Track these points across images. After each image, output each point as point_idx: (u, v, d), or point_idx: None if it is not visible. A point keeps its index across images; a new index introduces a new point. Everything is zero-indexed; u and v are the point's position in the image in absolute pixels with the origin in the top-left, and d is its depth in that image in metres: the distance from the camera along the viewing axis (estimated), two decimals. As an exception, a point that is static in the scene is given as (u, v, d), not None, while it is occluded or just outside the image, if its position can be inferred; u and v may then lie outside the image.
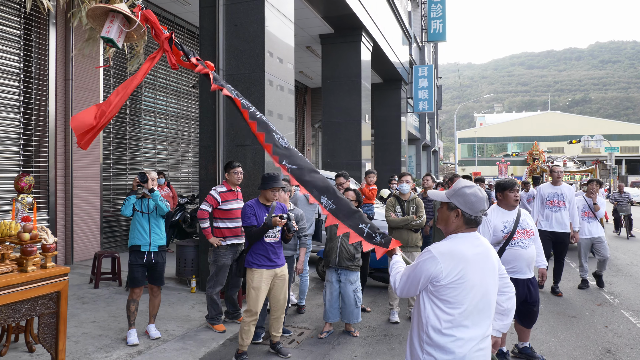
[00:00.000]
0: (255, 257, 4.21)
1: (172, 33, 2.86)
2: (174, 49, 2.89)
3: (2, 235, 3.63)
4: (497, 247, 4.13)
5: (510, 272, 4.11)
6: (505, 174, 35.03)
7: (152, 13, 2.83)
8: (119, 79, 9.04)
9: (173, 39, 2.86)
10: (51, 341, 3.52)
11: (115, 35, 2.82)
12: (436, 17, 21.58)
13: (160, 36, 2.84)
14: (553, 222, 6.76)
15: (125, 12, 2.80)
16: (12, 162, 7.28)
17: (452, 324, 2.09)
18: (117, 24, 2.82)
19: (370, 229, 2.73)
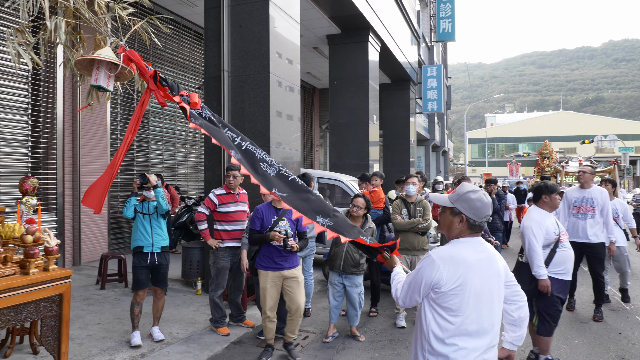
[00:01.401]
0: (261, 258, 4.35)
1: (155, 70, 2.85)
2: (159, 85, 2.87)
3: (5, 238, 3.64)
4: (547, 249, 4.11)
5: (560, 274, 4.12)
6: (516, 174, 34.68)
7: (135, 52, 2.84)
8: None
9: (158, 76, 2.85)
10: (54, 344, 3.52)
11: (103, 81, 2.90)
12: (445, 17, 21.45)
13: (145, 74, 2.84)
14: (579, 231, 5.75)
15: (108, 59, 2.84)
16: (20, 164, 7.33)
17: (454, 332, 2.03)
18: (103, 70, 2.89)
19: (371, 240, 2.69)
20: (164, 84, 2.84)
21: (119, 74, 2.95)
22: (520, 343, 2.32)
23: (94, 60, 2.89)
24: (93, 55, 2.85)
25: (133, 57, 2.83)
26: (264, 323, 4.40)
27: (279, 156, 6.52)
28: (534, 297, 4.16)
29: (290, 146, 6.92)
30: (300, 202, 2.83)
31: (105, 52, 2.89)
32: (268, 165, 2.87)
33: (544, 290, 4.04)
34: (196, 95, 2.91)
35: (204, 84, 6.86)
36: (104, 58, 2.83)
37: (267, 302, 4.31)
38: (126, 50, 2.84)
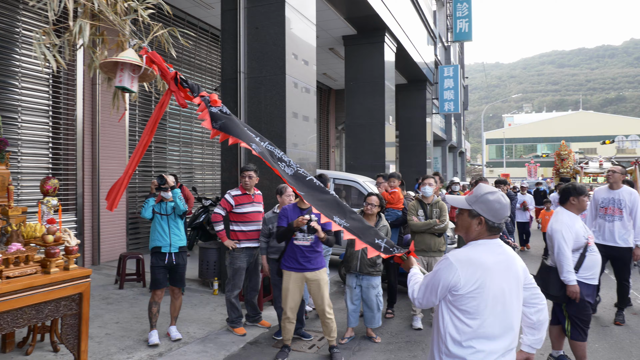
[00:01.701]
0: (286, 259, 4.43)
1: (176, 72, 2.89)
2: (180, 86, 2.91)
3: (27, 237, 3.71)
4: (577, 253, 3.99)
5: (589, 279, 3.99)
6: (534, 175, 34.23)
7: (157, 54, 2.90)
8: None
9: (178, 78, 2.89)
10: (74, 342, 3.57)
11: (127, 83, 2.98)
12: (462, 16, 21.28)
13: (167, 76, 2.89)
14: (606, 234, 5.57)
15: (131, 62, 2.90)
16: (41, 165, 7.47)
17: (471, 335, 2.01)
18: (127, 72, 2.96)
19: (387, 244, 2.68)
20: (184, 86, 2.88)
21: (142, 74, 3.01)
22: (539, 346, 2.30)
23: (118, 62, 2.94)
24: (117, 57, 2.91)
25: (155, 59, 2.88)
26: (282, 323, 4.44)
27: (295, 157, 6.54)
28: (565, 303, 4.03)
29: (306, 147, 6.93)
30: (318, 201, 2.84)
31: (128, 54, 2.95)
32: (286, 165, 2.90)
33: (572, 297, 3.91)
34: (216, 95, 2.94)
35: (220, 85, 6.91)
36: (128, 60, 2.89)
37: (288, 302, 4.35)
38: (148, 52, 2.89)
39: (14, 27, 7.03)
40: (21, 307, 3.16)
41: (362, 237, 2.72)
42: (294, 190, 2.87)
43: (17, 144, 7.03)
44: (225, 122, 2.86)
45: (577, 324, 4.00)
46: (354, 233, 2.73)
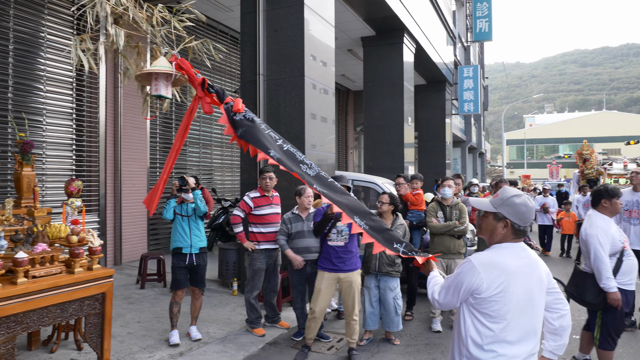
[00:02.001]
0: (321, 259, 4.53)
1: (203, 78, 2.95)
2: (206, 92, 2.97)
3: (52, 238, 3.79)
4: (614, 258, 3.83)
5: (627, 284, 3.84)
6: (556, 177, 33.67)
7: (185, 61, 3.00)
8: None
9: (206, 83, 2.95)
10: (97, 341, 3.64)
11: (163, 91, 3.11)
12: (482, 16, 21.07)
13: (195, 82, 2.96)
14: (631, 237, 5.39)
15: (164, 71, 3.02)
16: (65, 167, 7.63)
17: (493, 339, 1.99)
18: (161, 81, 3.09)
19: (405, 248, 2.67)
20: (210, 91, 2.93)
21: (174, 80, 3.10)
22: (561, 352, 2.25)
23: (152, 72, 3.05)
24: (151, 68, 3.03)
25: (184, 65, 2.97)
26: (308, 322, 4.49)
27: (313, 158, 6.56)
28: (601, 310, 3.87)
29: (324, 148, 6.95)
30: (340, 201, 2.85)
31: (161, 63, 3.07)
32: (308, 167, 2.94)
33: (614, 304, 3.71)
34: (240, 100, 2.98)
35: (240, 87, 6.97)
36: (162, 70, 3.01)
37: (318, 302, 4.40)
38: (177, 59, 2.98)
39: (38, 32, 7.19)
40: (46, 306, 3.23)
41: (380, 241, 2.72)
42: (314, 190, 2.89)
43: (42, 146, 7.19)
44: (246, 130, 2.91)
45: (609, 332, 3.85)
46: (373, 236, 2.74)
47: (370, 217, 2.82)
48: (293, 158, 2.94)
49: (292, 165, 2.92)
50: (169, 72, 3.04)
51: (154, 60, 3.33)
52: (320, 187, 2.88)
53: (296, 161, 2.93)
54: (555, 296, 2.19)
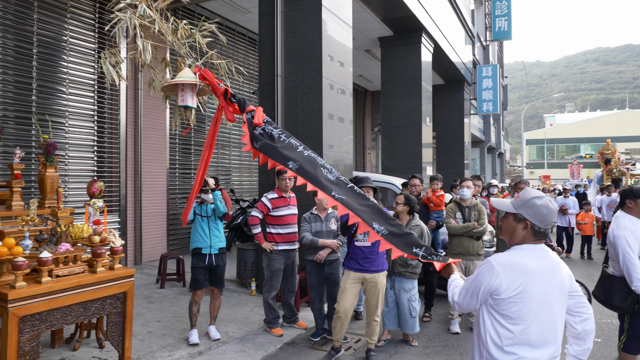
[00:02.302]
0: (347, 259, 4.54)
1: (226, 88, 3.01)
2: (228, 102, 3.02)
3: (75, 238, 3.87)
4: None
5: None
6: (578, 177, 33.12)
7: (208, 71, 3.06)
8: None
9: (228, 93, 2.99)
10: (118, 339, 3.70)
11: (189, 101, 3.19)
12: (501, 15, 20.81)
13: (217, 91, 3.01)
14: None
15: (190, 82, 3.09)
16: (87, 168, 7.76)
17: (513, 341, 1.98)
18: (187, 91, 3.17)
19: (425, 252, 2.64)
20: (232, 101, 2.97)
21: (199, 90, 3.19)
22: (585, 357, 2.20)
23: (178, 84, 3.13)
24: (177, 80, 3.10)
25: (207, 76, 3.04)
26: (333, 323, 4.49)
27: (331, 159, 6.57)
28: (629, 314, 3.75)
29: (342, 149, 6.95)
30: (358, 207, 2.84)
31: (186, 73, 3.14)
32: (328, 171, 2.93)
33: None
34: (261, 110, 3.00)
35: (258, 89, 7.01)
36: (187, 81, 3.08)
37: (343, 301, 4.41)
38: (201, 70, 3.05)
39: (61, 36, 7.34)
40: (70, 304, 3.30)
41: (399, 246, 2.71)
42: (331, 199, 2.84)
43: (64, 147, 7.33)
44: (265, 143, 2.93)
45: (636, 336, 3.73)
46: (392, 241, 2.73)
47: (390, 221, 2.80)
48: (314, 163, 2.94)
49: (311, 169, 2.91)
50: (194, 83, 3.10)
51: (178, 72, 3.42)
52: (339, 193, 2.87)
53: (317, 165, 2.93)
54: (577, 300, 2.15)
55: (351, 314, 4.52)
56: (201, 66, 3.13)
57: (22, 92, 6.84)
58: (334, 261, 4.96)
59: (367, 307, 4.56)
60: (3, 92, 6.61)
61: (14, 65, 6.74)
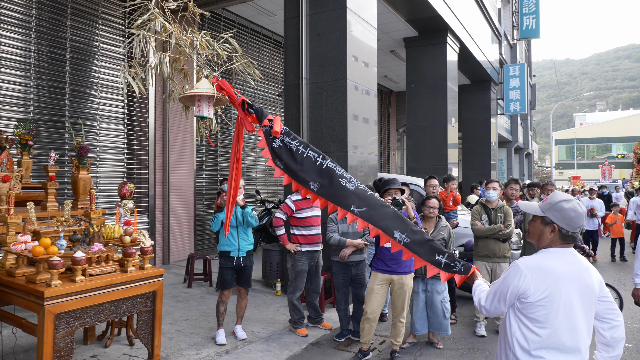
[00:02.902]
0: (375, 260, 4.56)
1: (243, 98, 3.03)
2: (246, 112, 3.04)
3: (107, 238, 3.99)
4: None
5: None
6: (609, 178, 32.30)
7: (226, 82, 3.05)
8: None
9: (245, 103, 3.02)
10: (148, 337, 3.80)
11: (205, 112, 3.22)
12: (529, 13, 20.47)
13: (235, 102, 3.03)
14: None
15: (207, 93, 3.12)
16: (117, 170, 7.97)
17: (540, 344, 1.98)
18: (204, 102, 3.20)
19: (448, 259, 2.60)
20: (250, 111, 2.99)
21: (216, 100, 3.24)
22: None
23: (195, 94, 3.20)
24: (194, 91, 3.15)
25: (224, 86, 3.05)
26: (361, 324, 4.51)
27: (355, 160, 6.58)
28: None
29: (366, 150, 6.96)
30: (378, 217, 2.82)
31: (203, 84, 3.17)
32: (347, 181, 2.90)
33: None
34: (279, 119, 3.00)
35: (283, 91, 7.08)
36: (204, 92, 3.11)
37: (371, 303, 4.43)
38: (218, 80, 3.06)
39: (92, 42, 7.55)
40: (102, 302, 3.41)
41: (422, 255, 2.68)
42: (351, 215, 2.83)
43: (95, 150, 7.54)
44: (286, 163, 2.93)
45: None
46: (414, 250, 2.70)
47: (411, 228, 2.77)
48: (332, 175, 2.90)
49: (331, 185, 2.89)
50: (211, 94, 3.14)
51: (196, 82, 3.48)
52: (358, 204, 2.85)
53: (335, 176, 2.90)
54: (607, 305, 2.11)
55: (379, 316, 4.53)
56: (218, 77, 3.16)
57: (55, 96, 7.07)
58: (360, 262, 4.98)
59: (393, 308, 4.56)
60: (37, 97, 6.84)
61: (47, 71, 6.97)
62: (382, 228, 2.79)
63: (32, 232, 3.64)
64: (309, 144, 2.98)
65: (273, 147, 2.98)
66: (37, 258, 3.23)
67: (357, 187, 2.90)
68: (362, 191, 2.90)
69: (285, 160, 2.96)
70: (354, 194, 2.88)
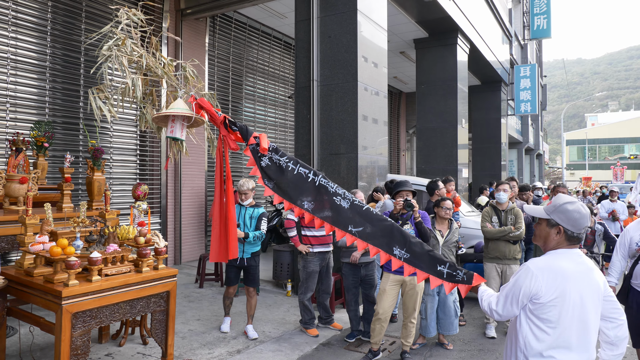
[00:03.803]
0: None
1: (225, 116, 2.92)
2: (229, 130, 2.93)
3: (121, 239, 4.06)
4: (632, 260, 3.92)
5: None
6: (621, 179, 31.98)
7: (205, 100, 2.93)
8: (224, 91, 9.62)
9: (227, 122, 2.91)
10: (162, 336, 3.86)
11: (178, 133, 3.04)
12: (540, 13, 20.37)
13: (216, 120, 2.92)
14: None
15: (182, 114, 2.94)
16: (130, 171, 8.07)
17: (551, 344, 2.02)
18: (178, 122, 3.02)
19: (449, 269, 2.59)
20: (234, 129, 2.90)
21: (194, 121, 3.07)
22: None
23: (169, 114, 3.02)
24: (168, 111, 2.99)
25: (204, 105, 2.93)
26: (372, 325, 4.53)
27: (365, 161, 6.62)
28: None
29: (376, 150, 6.99)
30: (377, 234, 2.78)
31: (178, 104, 3.01)
32: (342, 197, 2.83)
33: None
34: (266, 137, 2.91)
35: (294, 93, 7.13)
36: (179, 113, 2.95)
37: (382, 303, 4.46)
38: (196, 99, 2.94)
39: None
40: (117, 302, 3.47)
41: (423, 268, 2.66)
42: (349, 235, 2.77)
43: (109, 151, 7.64)
44: (276, 183, 2.84)
45: None
46: (415, 265, 2.67)
47: (410, 240, 2.73)
48: (325, 192, 2.83)
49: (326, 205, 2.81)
50: (187, 115, 2.95)
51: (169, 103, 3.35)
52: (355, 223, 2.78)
53: (329, 194, 2.81)
54: (612, 305, 2.16)
55: (390, 316, 4.56)
56: (196, 95, 3.00)
57: (70, 99, 7.18)
58: (370, 263, 5.01)
59: (404, 309, 4.59)
60: (52, 100, 6.95)
61: (62, 74, 7.08)
62: (381, 246, 2.74)
63: (49, 233, 3.71)
64: (298, 160, 2.90)
65: (262, 166, 2.89)
66: (54, 258, 3.29)
67: (352, 203, 2.82)
68: (357, 207, 2.82)
69: (275, 179, 2.87)
70: (350, 211, 2.81)
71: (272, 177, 2.87)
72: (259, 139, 2.91)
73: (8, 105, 6.39)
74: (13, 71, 6.46)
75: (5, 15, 6.34)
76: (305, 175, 2.87)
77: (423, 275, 2.67)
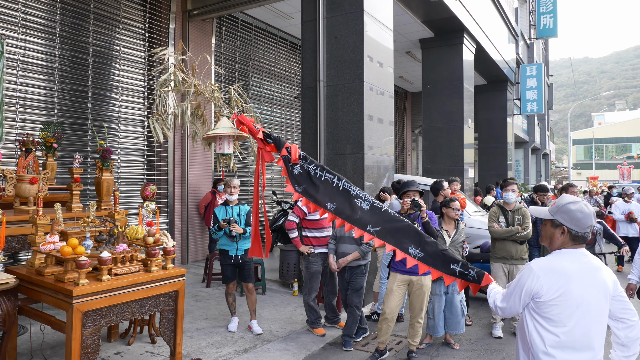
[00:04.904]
0: (394, 261, 4.58)
1: (262, 129, 3.19)
2: (265, 142, 3.19)
3: (130, 239, 4.10)
4: None
5: None
6: (628, 178, 31.79)
7: (245, 117, 3.20)
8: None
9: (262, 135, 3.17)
10: (170, 335, 3.90)
11: (226, 149, 3.51)
12: (546, 12, 20.30)
13: (255, 134, 3.17)
14: None
15: (228, 133, 3.38)
16: (137, 171, 8.12)
17: (556, 344, 2.04)
18: (225, 139, 3.50)
19: (462, 267, 2.75)
20: (269, 141, 3.14)
21: (237, 136, 3.51)
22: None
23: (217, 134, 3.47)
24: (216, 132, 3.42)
25: (244, 121, 3.19)
26: (379, 324, 4.55)
27: (371, 161, 6.63)
28: None
29: (381, 150, 7.00)
30: (393, 233, 2.98)
31: (224, 124, 3.45)
32: (362, 200, 3.05)
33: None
34: (296, 147, 3.14)
35: (300, 93, 7.16)
36: (225, 133, 3.40)
37: (389, 303, 4.49)
38: (238, 116, 3.21)
39: (113, 45, 7.71)
40: (127, 301, 3.51)
41: (437, 266, 2.83)
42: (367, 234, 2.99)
43: (117, 152, 7.69)
44: (305, 188, 3.10)
45: None
46: (429, 263, 2.85)
47: (424, 240, 2.92)
48: (348, 195, 3.08)
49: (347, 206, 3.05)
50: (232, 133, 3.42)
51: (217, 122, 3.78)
52: (374, 223, 3.00)
53: (351, 197, 3.07)
54: (622, 304, 2.14)
55: (396, 316, 4.57)
56: (237, 113, 3.32)
57: (78, 100, 7.24)
58: (356, 267, 4.99)
59: (411, 309, 4.60)
60: (61, 100, 7.01)
61: (71, 75, 7.14)
62: (397, 245, 2.95)
63: (59, 233, 3.76)
64: (325, 166, 3.15)
65: (293, 174, 3.15)
66: (65, 258, 3.34)
67: (371, 205, 3.05)
68: (376, 208, 3.05)
69: (305, 185, 3.13)
70: (369, 212, 3.04)
71: (301, 183, 3.14)
72: (290, 149, 3.15)
73: (18, 107, 6.46)
74: (22, 73, 6.52)
75: (15, 18, 6.41)
76: (331, 181, 3.13)
77: (437, 273, 2.84)
